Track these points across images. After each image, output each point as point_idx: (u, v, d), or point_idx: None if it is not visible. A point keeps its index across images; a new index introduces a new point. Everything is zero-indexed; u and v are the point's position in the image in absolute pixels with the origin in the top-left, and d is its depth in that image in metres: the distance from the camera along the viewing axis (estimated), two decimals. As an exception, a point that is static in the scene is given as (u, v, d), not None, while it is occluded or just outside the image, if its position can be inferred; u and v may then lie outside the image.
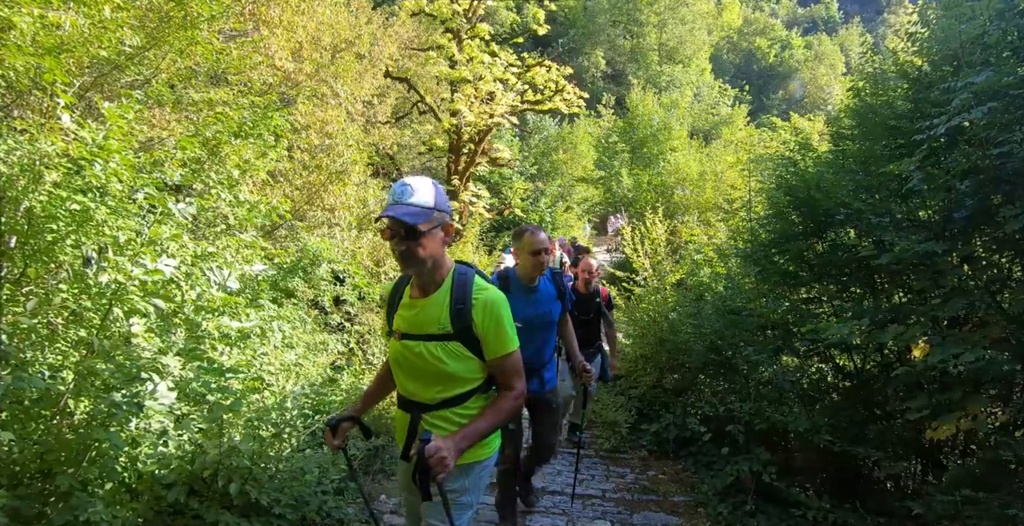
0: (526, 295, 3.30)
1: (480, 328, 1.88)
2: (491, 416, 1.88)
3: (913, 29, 4.36)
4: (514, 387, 1.93)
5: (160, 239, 2.87)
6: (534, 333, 3.28)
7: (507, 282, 3.30)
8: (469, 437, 1.80)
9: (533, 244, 3.24)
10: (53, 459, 2.52)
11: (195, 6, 4.48)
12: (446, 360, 1.89)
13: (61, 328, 2.74)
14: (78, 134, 2.71)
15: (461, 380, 1.93)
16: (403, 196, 1.83)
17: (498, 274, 3.40)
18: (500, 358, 1.91)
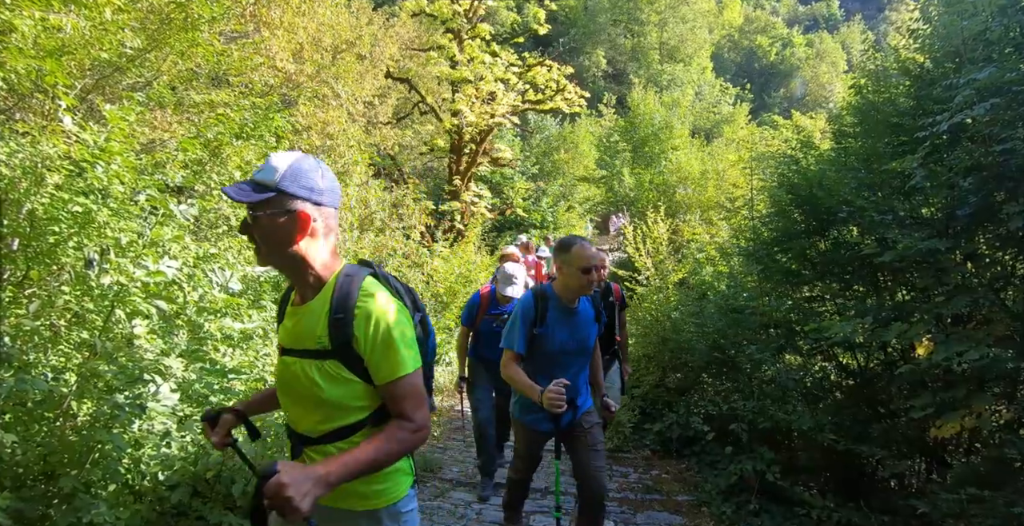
0: (566, 317, 2.87)
1: (363, 345, 1.44)
2: (378, 444, 1.41)
3: (915, 26, 4.35)
4: (412, 418, 1.47)
5: (162, 241, 2.88)
6: (571, 361, 2.93)
7: (544, 301, 2.86)
8: (342, 471, 1.32)
9: (584, 259, 2.76)
10: (56, 461, 2.52)
11: (196, 8, 4.49)
12: (321, 383, 1.48)
13: (64, 330, 2.75)
14: (80, 136, 2.71)
15: (343, 409, 1.50)
16: (255, 172, 1.49)
17: (533, 291, 2.93)
18: (390, 383, 1.46)
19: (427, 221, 9.57)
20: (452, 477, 4.40)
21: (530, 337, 2.83)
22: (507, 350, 2.85)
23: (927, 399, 3.15)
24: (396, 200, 8.92)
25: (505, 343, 2.87)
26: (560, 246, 2.89)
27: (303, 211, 1.43)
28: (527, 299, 2.89)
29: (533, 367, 2.83)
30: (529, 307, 2.86)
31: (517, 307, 2.91)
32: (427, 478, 4.62)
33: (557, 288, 2.91)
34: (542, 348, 2.84)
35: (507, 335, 2.88)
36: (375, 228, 8.15)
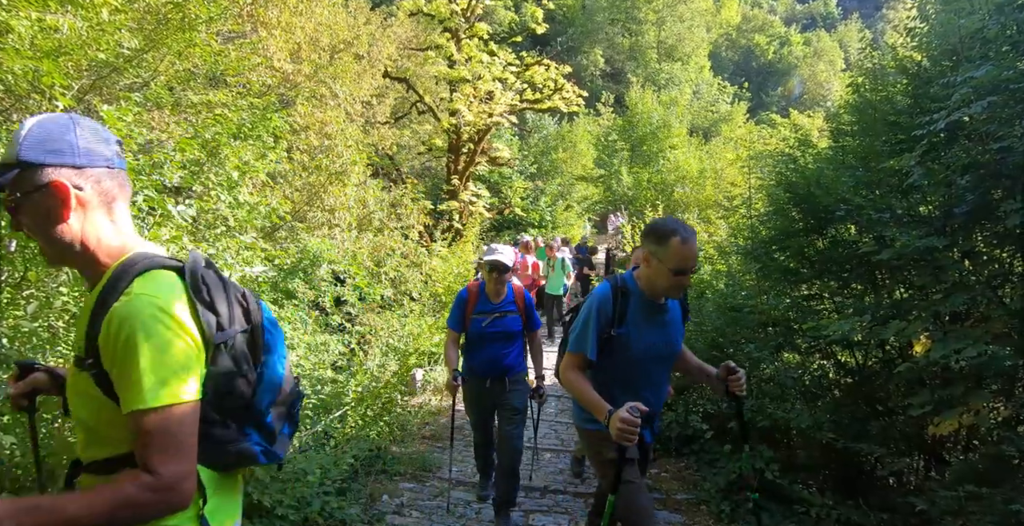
0: (651, 316, 2.41)
1: (106, 356, 1.10)
2: (91, 499, 1.04)
3: (912, 24, 4.36)
4: (154, 470, 1.06)
5: (160, 241, 2.87)
6: (654, 370, 2.48)
7: (624, 296, 2.38)
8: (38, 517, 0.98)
9: (681, 259, 2.22)
10: (55, 462, 2.51)
11: (193, 8, 4.48)
12: (72, 398, 1.20)
13: (62, 331, 2.74)
14: (77, 137, 2.70)
15: (98, 436, 1.18)
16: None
17: (611, 282, 2.45)
18: (132, 415, 1.07)
19: (425, 221, 9.57)
20: (452, 477, 4.40)
21: (605, 339, 2.36)
22: (572, 353, 2.40)
23: (925, 397, 3.16)
24: (394, 200, 8.92)
25: (574, 346, 2.40)
26: (654, 233, 2.31)
27: (57, 180, 1.12)
28: (604, 292, 2.41)
29: (606, 376, 2.37)
30: (606, 302, 2.38)
31: (591, 301, 2.42)
32: (427, 478, 4.62)
33: (641, 281, 2.41)
34: (621, 353, 2.37)
35: (576, 336, 2.40)
36: (373, 228, 8.15)
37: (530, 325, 3.87)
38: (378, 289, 6.19)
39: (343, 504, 3.67)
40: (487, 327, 3.74)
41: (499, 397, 3.77)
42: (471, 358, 3.83)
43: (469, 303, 3.79)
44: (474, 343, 3.80)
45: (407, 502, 4.16)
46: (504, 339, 3.75)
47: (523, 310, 3.82)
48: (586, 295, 12.90)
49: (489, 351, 3.75)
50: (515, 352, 3.81)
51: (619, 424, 2.02)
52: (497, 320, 3.74)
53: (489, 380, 3.75)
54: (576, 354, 2.38)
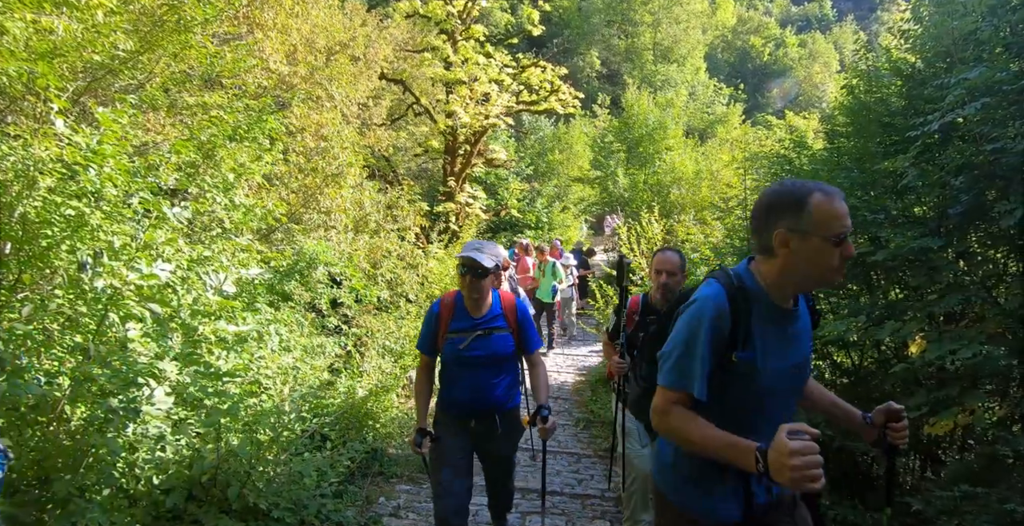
0: (781, 326, 1.70)
1: None
2: None
3: (906, 26, 4.38)
4: None
5: (155, 244, 2.87)
6: (782, 404, 1.77)
7: (744, 301, 1.64)
8: None
9: (839, 214, 1.59)
10: (50, 465, 2.51)
11: (188, 10, 4.48)
12: None
13: (57, 334, 2.73)
14: (72, 139, 2.70)
15: None
16: None
17: (723, 284, 1.67)
18: None
19: (422, 222, 9.56)
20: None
21: (719, 368, 1.63)
22: (669, 390, 1.67)
23: (921, 397, 3.17)
24: (391, 202, 8.91)
25: (671, 378, 1.66)
26: (781, 203, 1.63)
27: None
28: (715, 297, 1.65)
29: (712, 420, 1.61)
30: (722, 313, 1.62)
31: (697, 312, 1.65)
32: (423, 480, 4.61)
33: (766, 278, 1.68)
34: (741, 388, 1.65)
35: (673, 365, 1.66)
36: (369, 230, 8.14)
37: (526, 345, 2.99)
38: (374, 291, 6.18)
39: (340, 506, 3.66)
40: (465, 350, 2.86)
41: (485, 442, 2.97)
42: (447, 390, 2.98)
43: (442, 319, 2.92)
44: (451, 371, 2.96)
45: (404, 504, 4.15)
46: (490, 365, 2.90)
47: (515, 326, 2.94)
48: (583, 298, 12.48)
49: (471, 381, 2.89)
50: (507, 381, 2.96)
51: (791, 460, 1.34)
52: (479, 340, 2.86)
53: (474, 421, 2.92)
54: (675, 391, 1.65)
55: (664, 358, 1.71)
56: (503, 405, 2.96)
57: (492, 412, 2.92)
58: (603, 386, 7.25)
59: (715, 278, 1.74)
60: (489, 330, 2.89)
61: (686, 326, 1.67)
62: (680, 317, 1.71)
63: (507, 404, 2.99)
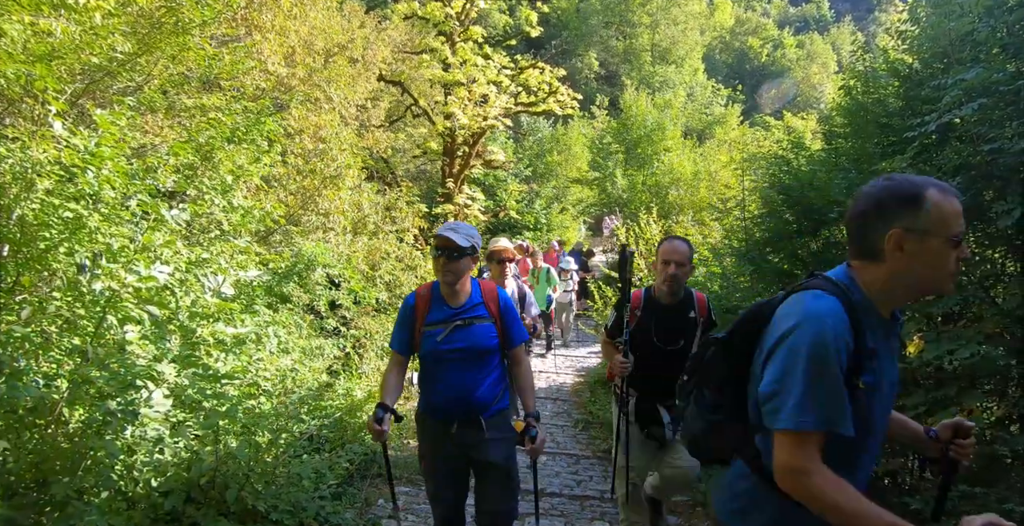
0: (888, 339, 1.51)
1: None
2: None
3: (903, 27, 4.39)
4: None
5: (154, 246, 2.87)
6: (878, 443, 1.57)
7: (859, 315, 1.40)
8: None
9: (957, 213, 1.39)
10: (48, 468, 2.50)
11: (187, 12, 4.48)
12: None
13: (55, 336, 2.73)
14: (70, 141, 2.70)
15: None
16: None
17: (834, 291, 1.42)
18: None
19: (420, 224, 9.57)
20: None
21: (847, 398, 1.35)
22: (803, 434, 1.33)
23: (919, 397, 3.17)
24: (389, 203, 8.91)
25: (801, 419, 1.32)
26: (895, 200, 1.41)
27: None
28: (835, 311, 1.37)
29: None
30: (843, 330, 1.36)
31: (815, 333, 1.35)
32: (422, 482, 4.60)
33: (873, 285, 1.45)
34: (860, 418, 1.38)
35: (800, 401, 1.32)
36: (368, 231, 8.14)
37: (510, 337, 2.68)
38: (373, 292, 6.19)
39: (338, 508, 3.66)
40: (443, 343, 2.58)
41: (472, 450, 2.63)
42: (427, 391, 2.71)
43: (418, 311, 2.64)
44: (429, 369, 2.67)
45: (403, 506, 4.15)
46: (472, 359, 2.60)
47: (498, 315, 2.67)
48: (582, 299, 12.28)
49: (451, 379, 2.60)
50: (491, 378, 2.65)
51: None
52: (458, 332, 2.58)
53: (456, 424, 2.60)
54: (811, 434, 1.33)
55: (779, 395, 1.37)
56: (487, 406, 2.63)
57: (475, 414, 2.60)
58: (602, 387, 7.24)
59: (822, 289, 1.45)
60: (469, 320, 2.60)
61: (809, 351, 1.35)
62: (787, 342, 1.39)
63: (493, 405, 2.65)
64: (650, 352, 3.13)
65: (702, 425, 1.66)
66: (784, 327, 1.42)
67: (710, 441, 1.67)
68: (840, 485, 1.31)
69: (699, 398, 1.70)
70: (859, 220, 1.51)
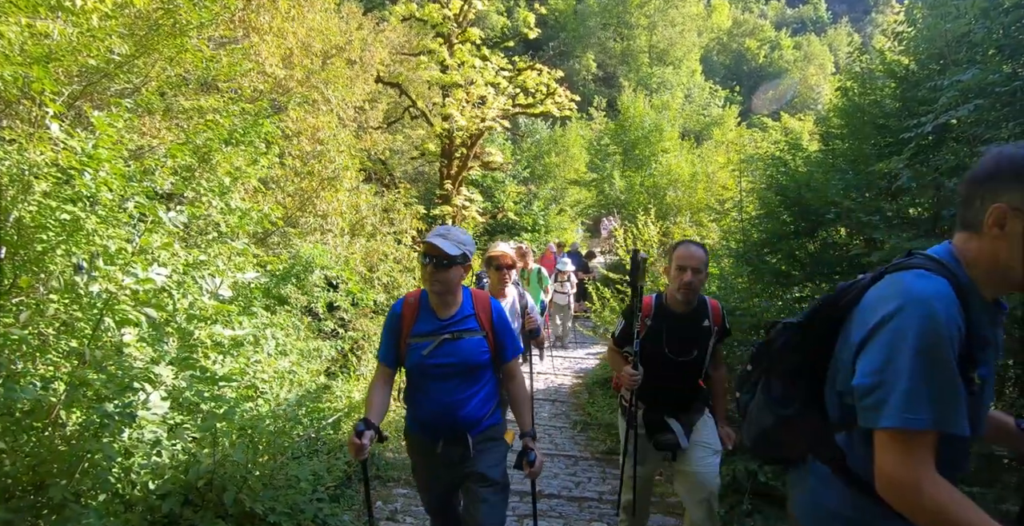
0: (995, 326, 1.36)
1: None
2: None
3: (900, 29, 4.41)
4: None
5: (151, 248, 2.87)
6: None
7: (967, 298, 1.24)
8: None
9: None
10: (45, 471, 2.50)
11: (184, 14, 4.48)
12: None
13: (52, 339, 2.73)
14: (67, 143, 2.70)
15: None
16: None
17: (945, 275, 1.26)
18: None
19: (418, 225, 9.56)
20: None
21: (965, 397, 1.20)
22: (910, 434, 1.16)
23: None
24: (387, 205, 8.91)
25: (908, 417, 1.15)
26: (1019, 163, 1.24)
27: None
28: (945, 293, 1.21)
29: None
30: (953, 315, 1.20)
31: (924, 317, 1.18)
32: (421, 483, 4.61)
33: (976, 262, 1.30)
34: (973, 421, 1.22)
35: (907, 396, 1.16)
36: (366, 233, 8.14)
37: (503, 351, 2.53)
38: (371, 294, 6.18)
39: (336, 510, 3.65)
40: (429, 357, 2.41)
41: (459, 465, 2.47)
42: (412, 405, 2.56)
43: (404, 321, 2.47)
44: (415, 383, 2.52)
45: (401, 508, 4.14)
46: (460, 375, 2.44)
47: (489, 328, 2.49)
48: (580, 301, 12.11)
49: (437, 395, 2.43)
50: (480, 395, 2.49)
51: None
52: (446, 346, 2.42)
53: (442, 441, 2.45)
54: (922, 433, 1.16)
55: (881, 388, 1.19)
56: (476, 423, 2.46)
57: (462, 432, 2.43)
58: (600, 388, 7.25)
59: (925, 269, 1.27)
60: (458, 333, 2.43)
61: (917, 337, 1.17)
62: (887, 326, 1.21)
63: (482, 421, 2.49)
64: (661, 363, 2.94)
65: (771, 420, 1.52)
66: (883, 311, 1.23)
67: (780, 437, 1.51)
68: (956, 497, 1.13)
69: (767, 390, 1.55)
70: (970, 186, 1.35)
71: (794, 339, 1.50)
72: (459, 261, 2.39)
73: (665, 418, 3.02)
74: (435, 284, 2.38)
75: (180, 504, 2.86)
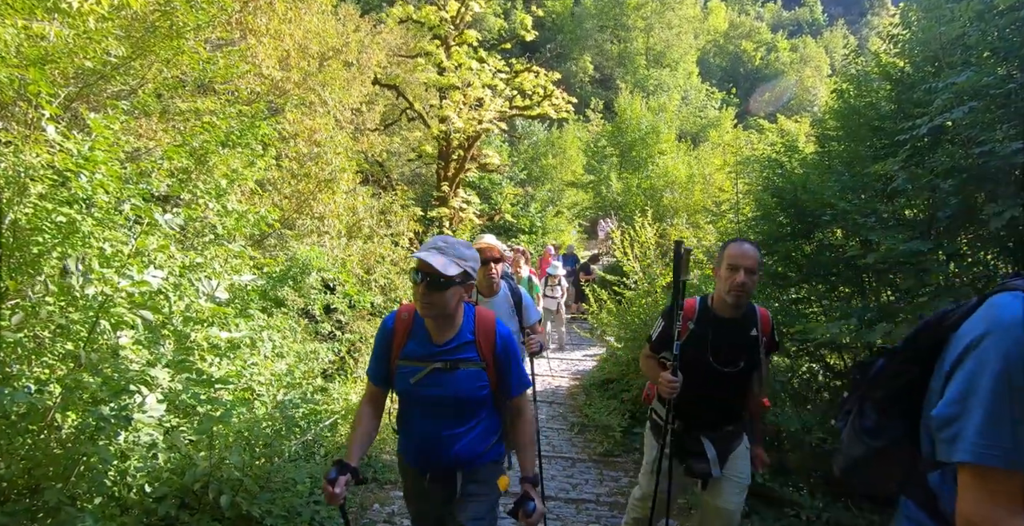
0: None
1: None
2: None
3: (895, 31, 4.43)
4: None
5: (147, 250, 2.86)
6: None
7: None
8: None
9: None
10: (41, 474, 2.49)
11: (181, 16, 4.48)
12: None
13: (47, 341, 2.72)
14: (63, 145, 2.69)
15: None
16: None
17: None
18: None
19: (415, 227, 9.56)
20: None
21: None
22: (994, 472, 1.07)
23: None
24: (384, 207, 8.91)
25: (972, 449, 1.08)
26: None
27: None
28: None
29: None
30: None
31: (1005, 337, 1.11)
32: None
33: None
34: None
35: (980, 425, 1.08)
36: (363, 235, 8.13)
37: (506, 385, 2.16)
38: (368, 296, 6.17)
39: (333, 513, 3.64)
40: (419, 386, 2.07)
41: (445, 506, 2.19)
42: (402, 432, 2.24)
43: (396, 337, 2.14)
44: (405, 409, 2.20)
45: (398, 511, 4.14)
46: (452, 409, 2.10)
47: (491, 358, 2.11)
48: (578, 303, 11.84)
49: (425, 428, 2.12)
50: (477, 431, 2.14)
51: None
52: (438, 375, 2.06)
53: (429, 476, 2.16)
54: (1000, 472, 1.06)
55: (959, 419, 1.12)
56: (468, 461, 2.14)
57: (450, 470, 2.14)
58: (597, 390, 7.24)
59: (1022, 291, 1.17)
60: (453, 363, 2.07)
61: (998, 366, 1.09)
62: (972, 354, 1.14)
63: (475, 459, 2.15)
64: (703, 372, 2.63)
65: (862, 450, 1.41)
66: (971, 337, 1.16)
67: (870, 470, 1.41)
68: None
69: (860, 418, 1.43)
70: None
71: (890, 365, 1.40)
72: (457, 281, 2.00)
73: (701, 437, 2.74)
74: (426, 307, 2.00)
75: (176, 507, 2.85)
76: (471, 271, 2.08)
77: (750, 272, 2.56)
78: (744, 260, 2.57)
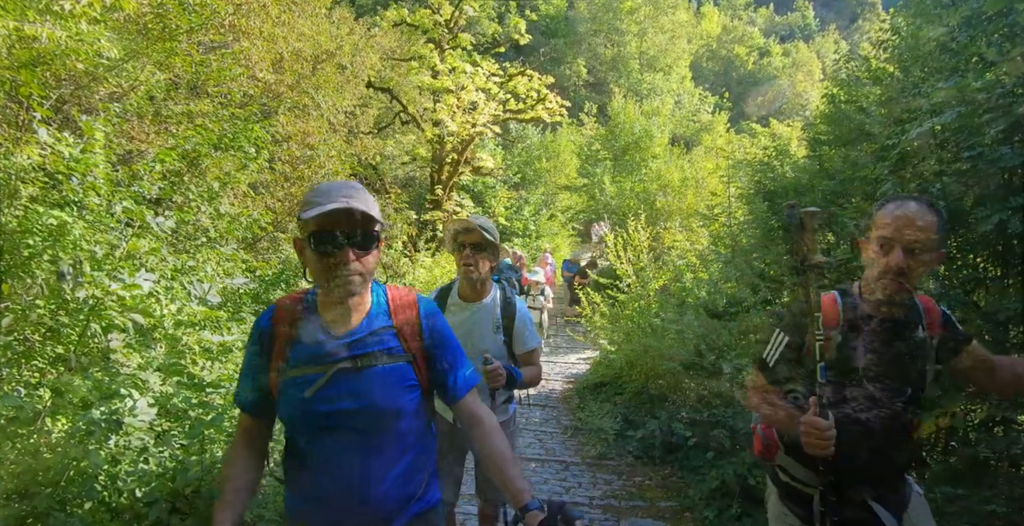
0: None
1: None
2: None
3: (884, 36, 4.47)
4: None
5: (139, 253, 2.85)
6: None
7: None
8: None
9: None
10: (30, 479, 2.47)
11: (174, 18, 4.48)
12: None
13: (38, 345, 2.70)
14: (55, 148, 2.68)
15: None
16: None
17: None
18: None
19: (409, 231, 9.56)
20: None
21: None
22: None
23: (903, 401, 3.20)
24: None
25: None
26: None
27: None
28: None
29: None
30: None
31: None
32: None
33: None
34: None
35: None
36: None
37: (443, 385, 1.55)
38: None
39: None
40: (316, 401, 1.41)
41: None
42: (295, 484, 1.53)
43: (276, 339, 1.46)
44: (296, 445, 1.50)
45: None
46: (369, 430, 1.45)
47: (417, 346, 1.51)
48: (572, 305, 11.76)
49: (331, 466, 1.45)
50: (405, 462, 1.50)
51: None
52: (343, 380, 1.42)
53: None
54: None
55: None
56: (399, 510, 1.49)
57: (380, 522, 1.47)
58: (590, 393, 7.23)
59: None
60: (363, 359, 1.44)
61: None
62: None
63: (409, 507, 1.51)
64: (859, 406, 1.72)
65: None
66: None
67: None
68: None
69: None
70: None
71: None
72: (381, 225, 1.46)
73: (868, 502, 1.76)
74: (335, 276, 1.37)
75: (167, 512, 2.83)
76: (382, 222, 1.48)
77: (912, 250, 1.62)
78: (905, 231, 1.63)
